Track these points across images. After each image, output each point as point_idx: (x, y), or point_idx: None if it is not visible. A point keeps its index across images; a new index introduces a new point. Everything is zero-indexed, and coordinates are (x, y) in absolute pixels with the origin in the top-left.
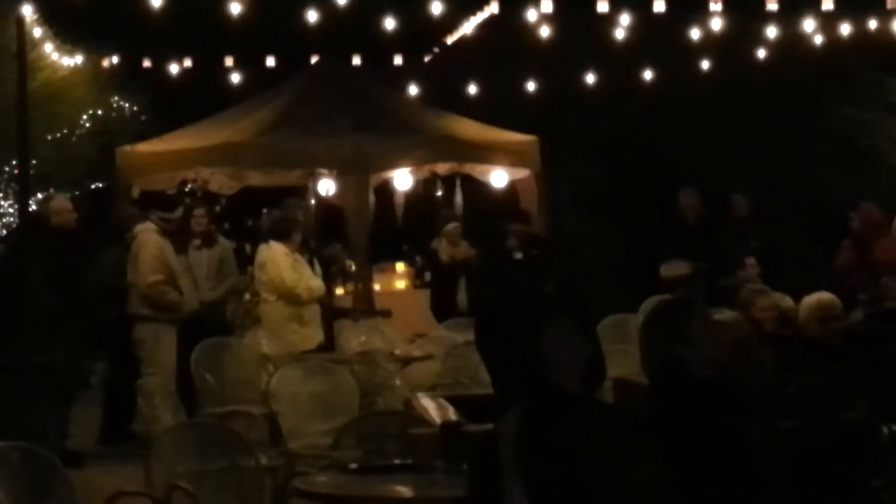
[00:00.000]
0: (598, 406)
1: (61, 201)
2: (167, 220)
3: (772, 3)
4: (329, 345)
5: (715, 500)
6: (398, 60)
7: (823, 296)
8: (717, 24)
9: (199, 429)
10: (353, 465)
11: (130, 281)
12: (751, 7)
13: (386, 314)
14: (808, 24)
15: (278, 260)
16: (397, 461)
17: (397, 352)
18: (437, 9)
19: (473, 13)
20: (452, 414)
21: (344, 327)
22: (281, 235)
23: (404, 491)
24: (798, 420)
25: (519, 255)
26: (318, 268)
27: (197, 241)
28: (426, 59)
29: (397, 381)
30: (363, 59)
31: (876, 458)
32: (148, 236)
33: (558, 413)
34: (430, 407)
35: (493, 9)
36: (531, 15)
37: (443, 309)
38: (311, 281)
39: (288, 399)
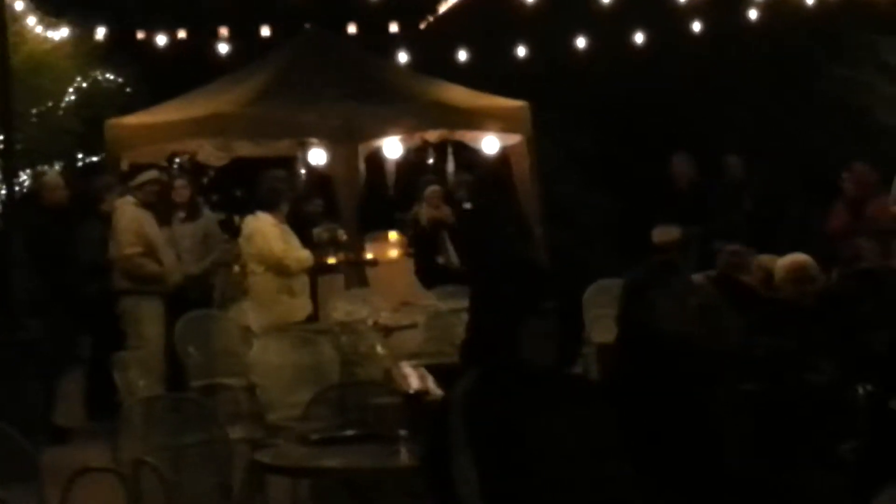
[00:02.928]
0: (559, 379)
1: (54, 178)
2: (139, 188)
3: None
4: (317, 315)
5: (674, 466)
6: (393, 28)
7: (798, 257)
8: None
9: (168, 402)
10: (315, 437)
11: (112, 255)
12: None
13: (372, 263)
14: None
15: (266, 231)
16: (360, 432)
17: (380, 320)
18: None
19: None
20: (431, 383)
21: (330, 297)
22: (268, 206)
23: (360, 462)
24: (763, 383)
25: (468, 205)
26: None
27: (181, 214)
28: (419, 27)
29: (380, 351)
30: (358, 28)
31: (844, 421)
32: (125, 209)
33: (510, 384)
34: (410, 376)
35: None
36: None
37: (429, 273)
38: (299, 251)
39: (266, 370)
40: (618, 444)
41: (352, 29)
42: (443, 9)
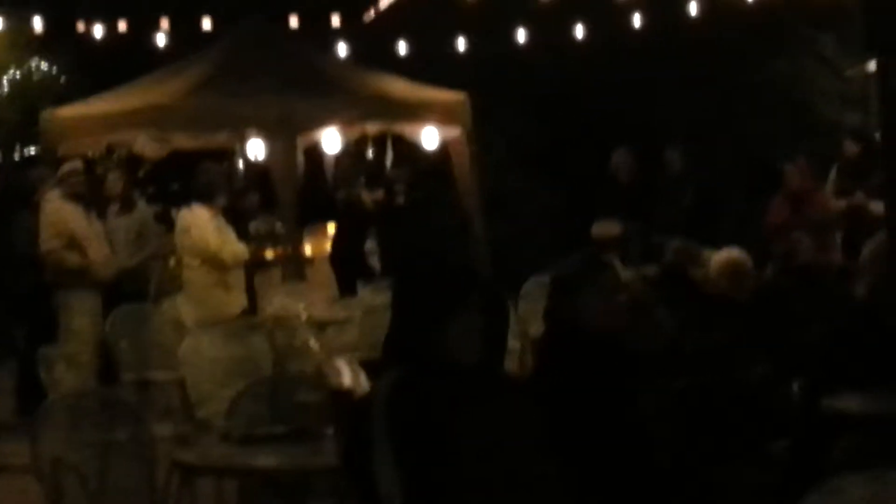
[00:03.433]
0: (483, 377)
1: None
2: (64, 179)
3: None
4: (252, 309)
5: (601, 464)
6: (335, 22)
7: (733, 252)
8: None
9: (91, 398)
10: (238, 434)
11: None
12: None
13: (309, 261)
14: None
15: (201, 224)
16: (285, 429)
17: (315, 314)
18: None
19: None
20: (363, 378)
21: (267, 291)
22: (205, 198)
23: (283, 460)
24: (693, 380)
25: (401, 200)
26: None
27: (115, 207)
28: (361, 19)
29: (313, 345)
30: (299, 21)
31: (777, 418)
32: (49, 202)
33: (432, 382)
34: (342, 370)
35: None
36: None
37: (351, 260)
38: (235, 245)
39: (197, 365)
40: (543, 442)
41: (293, 22)
42: (385, 2)
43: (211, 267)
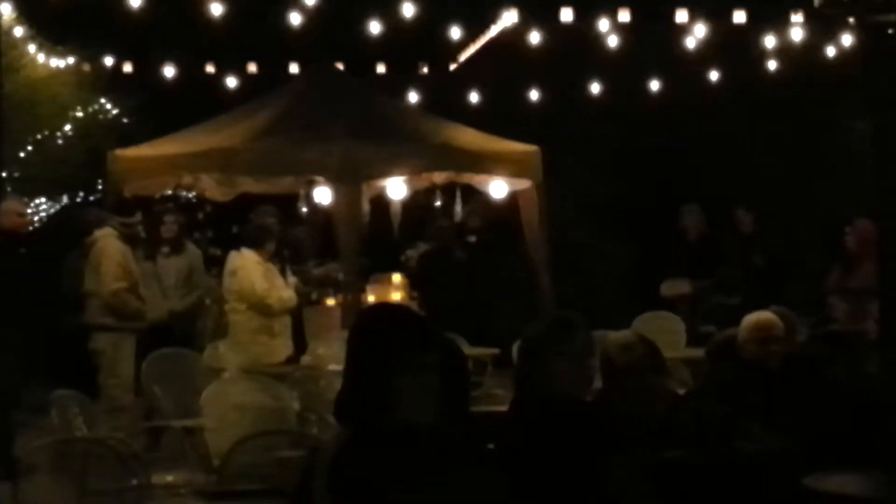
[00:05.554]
0: (439, 440)
1: (12, 203)
2: (127, 225)
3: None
4: (297, 357)
5: None
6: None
7: (763, 315)
8: (719, 33)
9: (79, 446)
10: (211, 490)
11: (89, 289)
12: (770, 15)
13: None
14: (822, 35)
15: (250, 268)
16: (263, 486)
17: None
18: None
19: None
20: None
21: (317, 341)
22: (254, 243)
23: None
24: (687, 450)
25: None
26: (290, 278)
27: (165, 249)
28: (444, 68)
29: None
30: (371, 69)
31: (775, 493)
32: (109, 242)
33: (380, 445)
34: None
35: (506, 21)
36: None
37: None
38: (282, 291)
39: (218, 412)
40: None
41: (380, 68)
42: (467, 54)
43: (256, 312)
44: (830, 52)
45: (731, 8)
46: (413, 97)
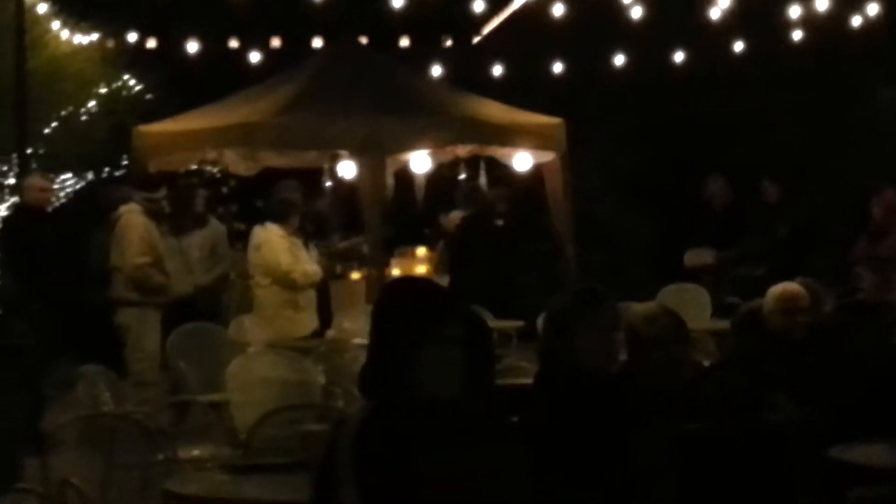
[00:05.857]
0: (462, 414)
1: (35, 179)
2: (151, 200)
3: None
4: (322, 330)
5: None
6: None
7: (788, 286)
8: (743, 3)
9: (107, 421)
10: (238, 464)
11: (115, 263)
12: None
13: None
14: (848, 4)
15: (274, 242)
16: (289, 460)
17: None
18: None
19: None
20: None
21: (342, 315)
22: (278, 217)
23: (272, 493)
24: (712, 421)
25: (500, 222)
26: (313, 252)
27: (189, 223)
28: (467, 41)
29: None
30: (393, 42)
31: (800, 464)
32: (133, 217)
33: (403, 418)
34: None
35: None
36: None
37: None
38: (307, 265)
39: (244, 386)
40: (526, 488)
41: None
42: (490, 26)
43: (281, 286)
44: (856, 21)
45: None
46: (436, 70)
